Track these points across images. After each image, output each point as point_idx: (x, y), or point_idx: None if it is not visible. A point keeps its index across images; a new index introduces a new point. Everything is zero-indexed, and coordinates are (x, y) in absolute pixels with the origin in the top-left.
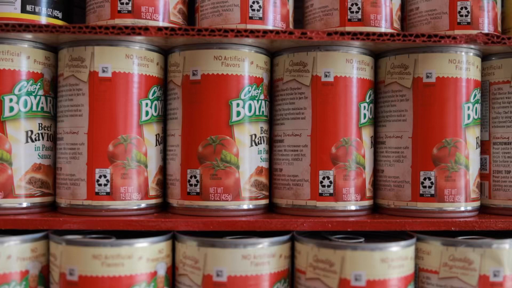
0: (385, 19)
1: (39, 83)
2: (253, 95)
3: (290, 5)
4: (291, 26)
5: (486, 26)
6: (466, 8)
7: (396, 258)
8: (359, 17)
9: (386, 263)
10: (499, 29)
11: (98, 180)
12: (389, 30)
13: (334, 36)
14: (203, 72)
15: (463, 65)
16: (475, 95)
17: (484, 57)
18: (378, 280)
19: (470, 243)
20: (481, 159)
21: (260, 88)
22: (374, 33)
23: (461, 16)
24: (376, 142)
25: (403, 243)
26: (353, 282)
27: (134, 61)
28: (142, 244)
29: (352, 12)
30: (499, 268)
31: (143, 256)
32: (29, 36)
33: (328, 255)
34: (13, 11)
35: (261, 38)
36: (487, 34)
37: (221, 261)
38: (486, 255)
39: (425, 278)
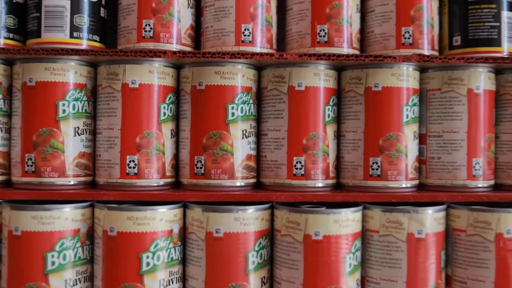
0: (346, 41)
1: (84, 91)
2: (244, 100)
3: (274, 30)
4: (274, 46)
5: (425, 46)
6: (408, 32)
7: (345, 220)
8: (326, 40)
9: (337, 223)
10: (436, 47)
11: (128, 164)
12: (350, 50)
13: (304, 57)
14: (207, 83)
15: (403, 77)
16: (412, 100)
17: (423, 69)
18: (331, 235)
19: (401, 209)
20: (419, 148)
21: (250, 94)
22: (334, 55)
23: (405, 38)
24: (338, 136)
25: (351, 209)
26: (313, 237)
27: (155, 75)
28: (162, 209)
29: (320, 36)
30: (422, 228)
31: (163, 218)
32: (76, 57)
33: (296, 218)
34: (63, 37)
35: (249, 58)
36: (419, 54)
37: (219, 222)
38: (413, 218)
39: (370, 236)
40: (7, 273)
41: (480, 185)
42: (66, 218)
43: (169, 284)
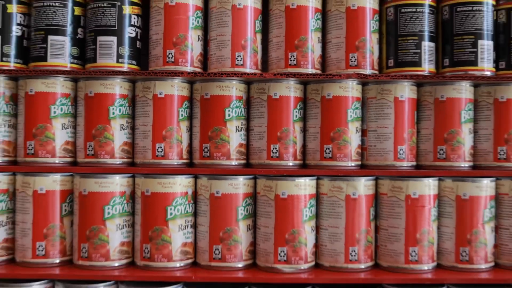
0: (310, 64)
1: (126, 100)
2: (237, 105)
3: (259, 56)
4: (259, 67)
5: (367, 66)
6: (354, 57)
7: (303, 185)
8: (295, 63)
9: (297, 187)
10: (376, 67)
11: (157, 149)
12: (313, 70)
13: (277, 76)
14: (211, 94)
15: (348, 89)
16: (355, 105)
17: (365, 83)
18: (293, 195)
19: (341, 178)
20: (362, 139)
21: (241, 101)
22: (300, 74)
23: (351, 61)
24: (304, 130)
25: (308, 178)
26: (281, 196)
27: (175, 88)
28: (180, 178)
29: (291, 60)
30: (355, 191)
31: (181, 183)
32: (120, 76)
33: (270, 183)
34: (112, 62)
35: (240, 77)
36: (358, 73)
37: (219, 186)
38: (349, 185)
39: (321, 197)
40: (78, 220)
41: (404, 165)
42: (117, 184)
43: (185, 228)
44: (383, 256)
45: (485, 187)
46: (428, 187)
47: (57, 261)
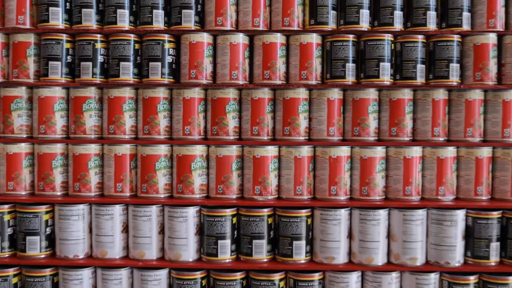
0: (278, 78)
1: (167, 100)
2: (233, 103)
3: (247, 73)
4: (247, 80)
5: (313, 79)
6: (304, 73)
7: (271, 150)
8: (268, 77)
9: (266, 151)
10: (319, 79)
11: (185, 130)
12: (279, 82)
13: (257, 86)
14: (217, 97)
15: (300, 93)
16: (304, 103)
17: (310, 89)
18: (264, 156)
19: (293, 147)
20: (308, 123)
21: (236, 101)
22: (270, 84)
23: (303, 76)
24: (273, 118)
25: (273, 146)
26: (256, 156)
27: (196, 93)
28: (199, 146)
29: (266, 76)
30: (300, 154)
31: (199, 149)
32: (163, 86)
33: (251, 149)
34: (158, 77)
35: (235, 86)
36: (306, 84)
37: (221, 151)
38: (297, 150)
39: (281, 157)
40: (140, 171)
41: (334, 139)
42: (162, 149)
43: (202, 175)
44: (317, 192)
45: (378, 152)
46: (344, 152)
47: (128, 194)
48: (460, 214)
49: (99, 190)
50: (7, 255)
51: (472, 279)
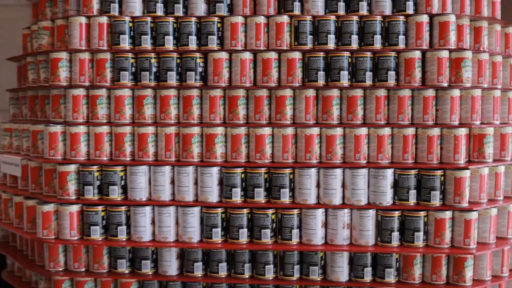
0: (273, 82)
1: (198, 98)
2: (243, 98)
3: (252, 78)
4: (252, 83)
5: (296, 83)
6: (290, 79)
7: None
8: (266, 81)
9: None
10: (300, 82)
11: (211, 117)
12: (273, 85)
13: (259, 87)
14: (233, 95)
15: (287, 92)
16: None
17: (294, 88)
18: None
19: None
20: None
21: (245, 97)
22: (268, 86)
23: (289, 80)
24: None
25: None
26: (257, 134)
27: (218, 93)
28: (220, 128)
29: (264, 80)
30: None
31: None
32: (196, 88)
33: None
34: (193, 82)
35: (244, 88)
36: (292, 85)
37: (235, 131)
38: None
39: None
40: (181, 144)
41: (310, 123)
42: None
43: (222, 147)
44: (297, 158)
45: (338, 131)
46: (315, 131)
47: (173, 159)
48: (389, 172)
49: (155, 156)
50: (96, 198)
51: (397, 213)
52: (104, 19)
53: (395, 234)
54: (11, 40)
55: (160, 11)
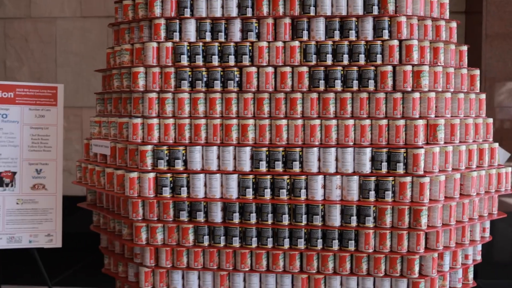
0: (289, 87)
1: (236, 99)
2: (267, 100)
3: (273, 85)
4: (274, 88)
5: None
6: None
7: None
8: (283, 87)
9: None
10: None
11: (244, 113)
12: (288, 89)
13: (278, 91)
14: (260, 97)
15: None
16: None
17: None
18: None
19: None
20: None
21: (268, 99)
22: (273, 91)
23: (282, 86)
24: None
25: None
26: None
27: (249, 95)
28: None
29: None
30: None
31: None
32: (234, 94)
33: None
34: (233, 88)
35: (268, 92)
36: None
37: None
38: None
39: None
40: (224, 132)
41: (314, 116)
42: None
43: (253, 133)
44: (305, 140)
45: (333, 122)
46: (317, 122)
47: (218, 142)
48: (368, 150)
49: (206, 140)
50: (166, 168)
51: (373, 179)
52: (169, 44)
53: (372, 193)
54: (68, 46)
55: (208, 38)
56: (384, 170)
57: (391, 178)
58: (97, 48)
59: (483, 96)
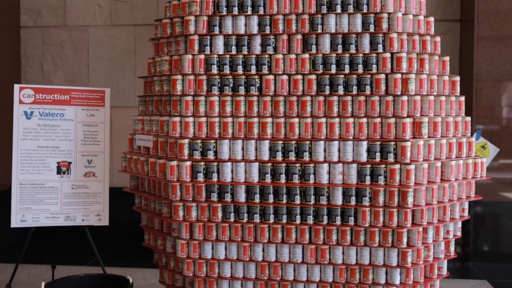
0: (301, 92)
1: (257, 102)
2: (282, 102)
3: (287, 89)
4: (288, 93)
5: None
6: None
7: None
8: (296, 91)
9: None
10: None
11: (264, 112)
12: (300, 94)
13: (292, 95)
14: (276, 100)
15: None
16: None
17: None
18: None
19: None
20: None
21: (283, 101)
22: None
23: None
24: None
25: None
26: None
27: (268, 98)
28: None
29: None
30: None
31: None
32: (255, 97)
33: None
34: (254, 92)
35: (282, 96)
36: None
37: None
38: None
39: None
40: (247, 127)
41: (321, 115)
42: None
43: (271, 128)
44: (314, 135)
45: (336, 119)
46: (323, 120)
47: (243, 135)
48: (365, 143)
49: (232, 135)
50: (200, 158)
51: (369, 166)
52: (202, 56)
53: (368, 178)
54: (99, 52)
55: (234, 51)
56: (377, 159)
57: (383, 166)
58: (125, 53)
59: (462, 98)
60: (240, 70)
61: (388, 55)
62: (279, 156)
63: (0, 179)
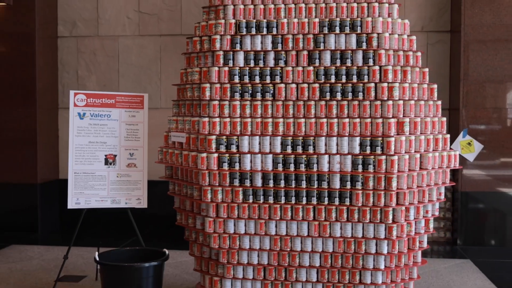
0: (307, 97)
1: (273, 105)
2: (292, 106)
3: (296, 94)
4: (296, 98)
5: None
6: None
7: None
8: (303, 95)
9: None
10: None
11: (278, 114)
12: (306, 98)
13: (301, 100)
14: (287, 104)
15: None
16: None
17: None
18: None
19: None
20: None
21: (295, 105)
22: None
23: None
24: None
25: None
26: None
27: (280, 102)
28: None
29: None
30: None
31: None
32: (270, 102)
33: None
34: (269, 97)
35: (293, 100)
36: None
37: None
38: None
39: None
40: (264, 125)
41: (323, 116)
42: None
43: (284, 126)
44: (317, 132)
45: (335, 119)
46: (325, 120)
47: (259, 132)
48: (358, 138)
49: (251, 132)
50: (225, 150)
51: (361, 157)
52: (226, 68)
53: (360, 166)
54: (128, 59)
55: (252, 64)
56: (368, 151)
57: (372, 157)
58: (152, 61)
59: (439, 102)
60: (257, 79)
61: (377, 67)
62: (289, 149)
63: (49, 172)
